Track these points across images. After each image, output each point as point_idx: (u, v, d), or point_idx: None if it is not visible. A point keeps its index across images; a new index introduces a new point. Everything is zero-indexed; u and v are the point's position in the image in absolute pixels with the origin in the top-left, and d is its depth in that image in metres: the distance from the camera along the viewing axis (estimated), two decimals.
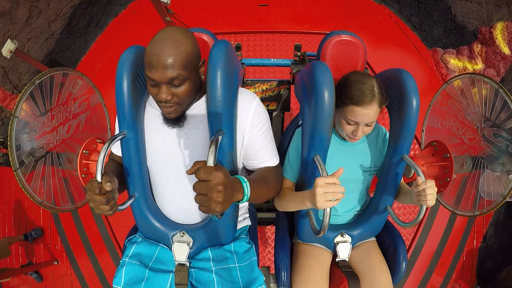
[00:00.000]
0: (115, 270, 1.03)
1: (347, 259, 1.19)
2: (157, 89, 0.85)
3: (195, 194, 0.70)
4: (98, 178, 0.78)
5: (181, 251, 1.04)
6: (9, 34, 2.64)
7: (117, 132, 0.98)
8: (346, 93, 1.01)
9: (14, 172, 1.23)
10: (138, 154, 0.97)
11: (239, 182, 0.81)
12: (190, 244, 1.05)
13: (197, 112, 0.96)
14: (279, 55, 2.82)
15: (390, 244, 1.21)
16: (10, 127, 1.22)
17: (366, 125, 1.04)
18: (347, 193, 1.18)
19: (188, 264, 1.05)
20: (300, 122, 1.27)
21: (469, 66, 2.73)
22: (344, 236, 1.19)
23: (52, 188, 1.38)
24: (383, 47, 2.87)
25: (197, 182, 0.69)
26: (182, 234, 1.05)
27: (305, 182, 1.08)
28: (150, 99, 1.01)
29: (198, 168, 0.69)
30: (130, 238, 1.13)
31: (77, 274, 2.56)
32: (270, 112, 1.65)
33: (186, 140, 0.96)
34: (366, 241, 1.23)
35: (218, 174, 0.69)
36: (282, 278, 1.16)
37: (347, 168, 1.15)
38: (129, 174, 0.99)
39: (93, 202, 0.78)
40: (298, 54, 1.49)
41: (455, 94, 1.55)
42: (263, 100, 1.60)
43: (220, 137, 0.80)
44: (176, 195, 1.03)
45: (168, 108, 0.88)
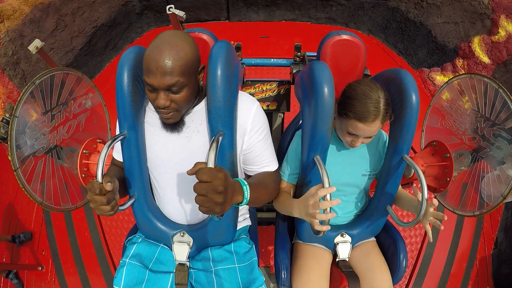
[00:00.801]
0: (115, 270, 1.03)
1: (347, 259, 1.19)
2: (155, 94, 0.83)
3: (196, 194, 0.70)
4: (99, 179, 0.78)
5: (181, 251, 1.04)
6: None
7: (117, 133, 0.98)
8: (351, 106, 0.98)
9: (14, 172, 1.22)
10: (138, 155, 0.97)
11: (239, 184, 0.81)
12: (190, 244, 1.05)
13: (197, 115, 0.96)
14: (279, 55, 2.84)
15: (390, 244, 1.21)
16: (10, 127, 1.22)
17: (366, 137, 1.03)
18: (347, 196, 1.19)
19: (188, 264, 1.05)
20: (300, 122, 1.27)
21: None
22: (344, 236, 1.19)
23: (52, 188, 1.38)
24: (374, 72, 2.88)
25: (197, 183, 0.69)
26: (182, 234, 1.05)
27: (305, 182, 1.08)
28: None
29: (198, 168, 0.69)
30: (130, 238, 1.13)
31: (60, 283, 2.42)
32: (270, 112, 1.65)
33: (186, 142, 0.96)
34: (366, 241, 1.23)
35: (218, 175, 0.69)
36: (282, 278, 1.16)
37: (347, 172, 1.15)
38: (129, 175, 0.99)
39: (93, 202, 0.78)
40: (298, 54, 1.49)
41: (455, 95, 1.55)
42: (263, 100, 1.60)
43: (220, 137, 0.80)
44: (176, 196, 1.03)
45: (166, 114, 0.87)
